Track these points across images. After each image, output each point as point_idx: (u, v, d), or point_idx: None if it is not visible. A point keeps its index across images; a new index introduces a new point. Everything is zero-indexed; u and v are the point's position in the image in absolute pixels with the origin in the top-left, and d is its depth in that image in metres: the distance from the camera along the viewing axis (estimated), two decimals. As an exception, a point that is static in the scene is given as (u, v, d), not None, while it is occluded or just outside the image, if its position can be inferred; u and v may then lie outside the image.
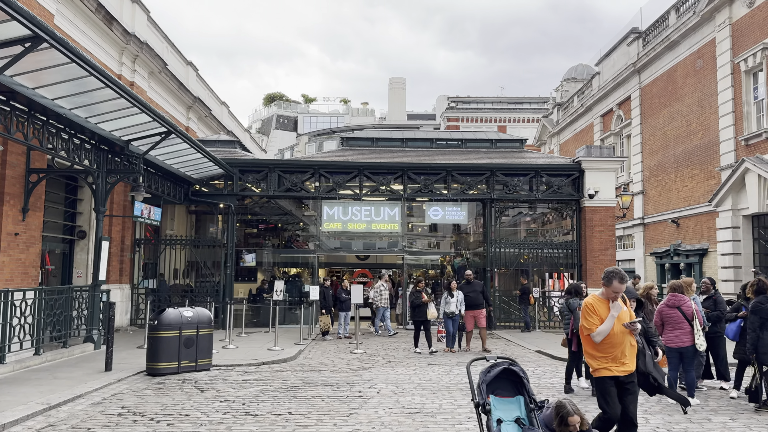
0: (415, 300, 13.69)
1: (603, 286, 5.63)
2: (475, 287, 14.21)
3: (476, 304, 13.98)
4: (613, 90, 31.86)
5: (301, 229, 26.87)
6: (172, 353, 10.49)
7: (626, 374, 5.49)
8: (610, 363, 5.48)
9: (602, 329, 5.45)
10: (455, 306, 13.67)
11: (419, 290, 13.87)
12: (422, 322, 13.61)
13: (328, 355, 13.10)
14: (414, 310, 13.73)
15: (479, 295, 14.11)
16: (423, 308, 13.55)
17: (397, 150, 21.50)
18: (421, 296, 13.59)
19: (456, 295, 13.73)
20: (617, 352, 5.48)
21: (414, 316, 13.80)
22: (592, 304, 5.62)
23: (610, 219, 19.17)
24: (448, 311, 13.57)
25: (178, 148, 15.03)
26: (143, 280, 19.45)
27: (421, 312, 13.59)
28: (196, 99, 24.73)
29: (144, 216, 15.98)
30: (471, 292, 14.02)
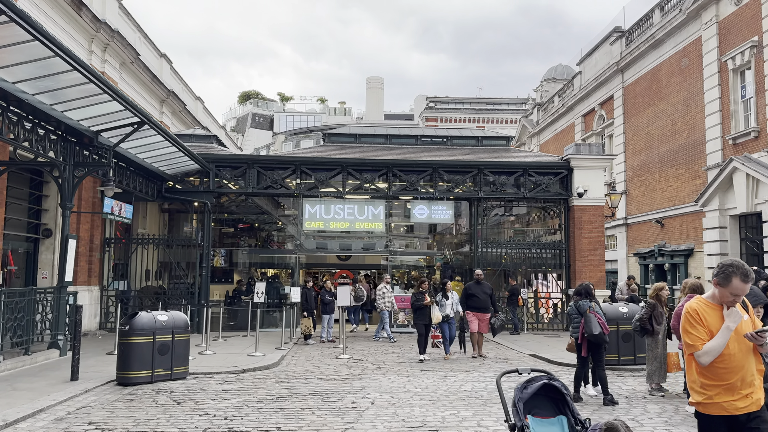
0: (417, 302, 12.65)
1: (716, 285, 3.92)
2: (484, 288, 13.22)
3: (483, 307, 12.98)
4: (595, 89, 31.65)
5: (277, 229, 26.01)
6: (145, 361, 9.63)
7: (749, 411, 3.77)
8: (724, 395, 3.78)
9: (712, 346, 3.79)
10: (450, 308, 12.84)
11: (422, 292, 12.76)
12: (426, 326, 12.61)
13: (314, 361, 12.33)
14: (416, 312, 12.72)
15: (488, 299, 13.10)
16: (426, 311, 12.55)
17: (380, 147, 20.80)
18: (424, 298, 12.54)
19: (451, 297, 12.95)
20: (736, 379, 3.79)
21: (417, 319, 12.73)
22: (697, 312, 3.92)
23: (599, 218, 18.75)
24: (442, 314, 12.67)
25: (151, 141, 14.10)
26: (113, 281, 18.41)
27: (423, 315, 12.58)
28: (169, 92, 23.72)
29: (114, 213, 15.01)
30: (480, 293, 13.03)
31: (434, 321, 12.42)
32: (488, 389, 9.26)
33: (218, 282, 23.29)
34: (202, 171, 18.21)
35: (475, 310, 12.87)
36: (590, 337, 8.00)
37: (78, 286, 16.75)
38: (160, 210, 22.60)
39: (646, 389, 9.16)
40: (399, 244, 22.53)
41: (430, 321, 12.47)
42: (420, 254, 22.49)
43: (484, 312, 12.99)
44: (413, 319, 13.11)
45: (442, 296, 12.93)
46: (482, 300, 12.95)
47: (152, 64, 22.57)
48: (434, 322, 12.47)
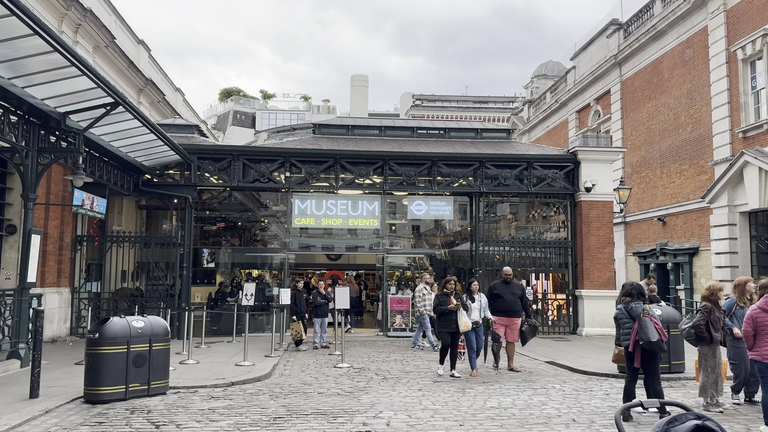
0: (440, 305, 10.49)
1: None
2: (513, 288, 11.30)
3: (512, 309, 11.04)
4: (591, 84, 30.74)
5: (262, 228, 24.66)
6: (118, 374, 8.27)
7: None
8: None
9: None
10: (478, 313, 10.80)
11: (446, 293, 10.56)
12: (452, 334, 10.45)
13: (310, 371, 11.03)
14: (440, 318, 10.55)
15: (517, 300, 11.15)
16: (452, 317, 10.32)
17: (374, 139, 19.56)
18: (449, 300, 10.39)
19: (478, 299, 10.91)
20: None
21: (441, 326, 10.56)
22: None
23: (608, 214, 17.70)
24: (470, 320, 10.52)
25: (126, 127, 12.70)
26: (86, 282, 16.91)
27: (449, 321, 10.35)
28: (148, 81, 22.23)
29: (86, 206, 13.57)
30: (508, 293, 11.14)
31: (462, 329, 10.25)
32: (517, 405, 8.06)
33: (200, 283, 21.91)
34: (183, 163, 16.81)
35: (502, 314, 11.00)
36: (646, 345, 6.84)
37: (46, 287, 15.30)
38: (137, 206, 21.11)
39: (698, 403, 8.03)
40: (393, 243, 21.35)
41: (457, 329, 10.30)
42: (419, 253, 21.26)
43: (512, 316, 11.10)
44: (437, 326, 10.92)
45: (467, 298, 10.88)
46: (510, 302, 11.08)
47: (129, 51, 21.10)
48: (462, 330, 10.28)
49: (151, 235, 17.58)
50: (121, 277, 18.78)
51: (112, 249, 17.28)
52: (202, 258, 21.97)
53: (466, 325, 10.27)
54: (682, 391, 8.98)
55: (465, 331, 10.34)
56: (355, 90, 70.05)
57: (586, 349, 13.92)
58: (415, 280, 20.05)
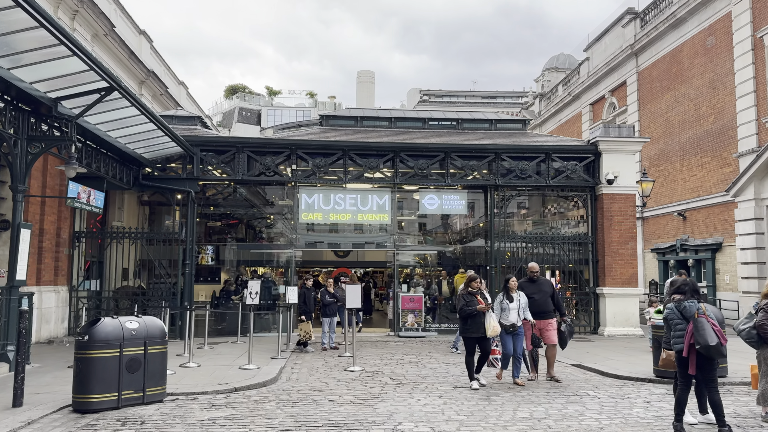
0: (466, 307, 9.08)
1: None
2: (541, 287, 10.11)
3: (543, 311, 9.82)
4: (606, 76, 29.85)
5: (267, 225, 23.91)
6: (110, 380, 7.53)
7: None
8: None
9: None
10: (517, 314, 9.37)
11: (472, 293, 9.23)
12: (478, 340, 9.14)
13: (319, 375, 10.26)
14: (465, 322, 9.17)
15: (548, 299, 9.95)
16: (479, 319, 9.00)
17: (385, 130, 18.76)
18: (476, 301, 9.08)
19: (517, 298, 9.46)
20: None
21: (466, 330, 9.20)
22: None
23: (631, 208, 16.84)
24: (506, 323, 9.26)
25: (124, 115, 11.95)
26: (84, 280, 16.21)
27: (476, 325, 9.01)
28: (149, 72, 21.51)
29: (82, 200, 12.85)
30: (537, 292, 9.97)
31: (490, 333, 8.92)
32: (551, 415, 7.26)
33: (204, 281, 21.17)
34: (185, 156, 16.09)
35: (534, 316, 9.78)
36: (703, 350, 6.02)
37: (43, 285, 14.62)
38: (139, 202, 20.42)
39: (753, 412, 7.21)
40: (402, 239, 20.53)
41: (485, 334, 9.00)
42: (430, 249, 20.45)
43: (546, 317, 9.87)
44: (460, 330, 9.57)
45: (504, 297, 9.51)
46: (542, 302, 9.91)
47: (130, 42, 20.39)
48: (490, 335, 8.95)
49: (153, 232, 16.83)
50: (123, 275, 18.08)
51: (113, 246, 16.56)
52: (206, 255, 21.26)
53: (495, 330, 8.92)
54: (730, 398, 8.15)
55: (494, 335, 9.04)
56: (362, 86, 69.25)
57: (612, 350, 13.10)
58: (427, 278, 19.28)
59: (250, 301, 11.58)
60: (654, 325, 10.09)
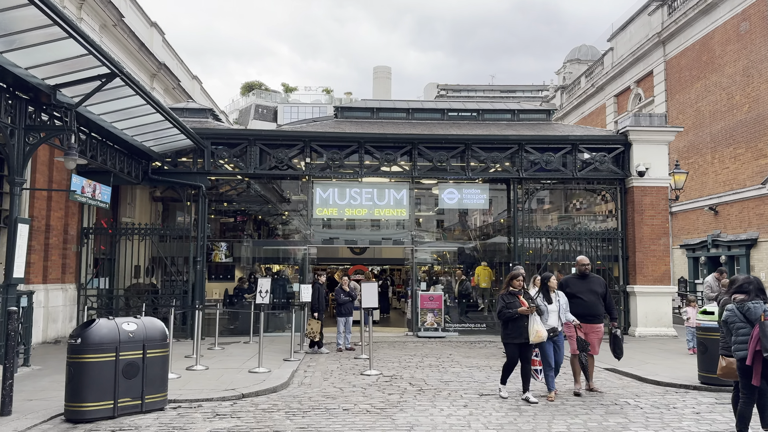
0: (506, 308, 7.92)
1: None
2: (592, 284, 8.58)
3: (592, 313, 8.42)
4: (631, 66, 28.78)
5: (283, 222, 23.33)
6: (105, 387, 6.92)
7: None
8: None
9: None
10: (557, 317, 8.13)
11: (513, 293, 8.07)
12: (520, 346, 7.96)
13: (333, 380, 9.58)
14: (506, 326, 8.01)
15: (599, 300, 8.49)
16: (522, 323, 7.85)
17: (402, 122, 18.03)
18: (518, 302, 7.94)
19: (556, 299, 8.19)
20: None
21: (506, 336, 8.04)
22: None
23: (663, 201, 15.93)
24: (547, 327, 8.01)
25: (129, 105, 11.38)
26: (93, 278, 15.70)
27: (518, 329, 7.85)
28: (161, 65, 20.99)
29: (86, 194, 12.30)
30: (586, 292, 8.47)
31: (534, 339, 7.76)
32: (591, 429, 6.50)
33: (219, 279, 20.68)
34: (195, 149, 15.52)
35: (580, 319, 8.34)
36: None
37: (50, 284, 14.15)
38: (151, 198, 19.93)
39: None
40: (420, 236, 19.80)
41: (527, 339, 7.84)
42: (449, 246, 19.69)
43: (593, 321, 8.44)
44: (502, 335, 8.20)
45: (541, 297, 8.23)
46: (591, 303, 8.41)
47: (141, 34, 19.87)
48: (534, 341, 7.77)
49: (163, 228, 16.27)
50: (134, 272, 17.59)
51: (123, 243, 16.05)
52: (220, 252, 20.74)
53: (539, 335, 7.70)
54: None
55: (538, 342, 7.79)
56: (378, 81, 68.54)
57: (647, 353, 12.25)
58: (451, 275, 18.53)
59: (260, 300, 10.94)
60: (700, 327, 9.21)
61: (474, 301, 17.85)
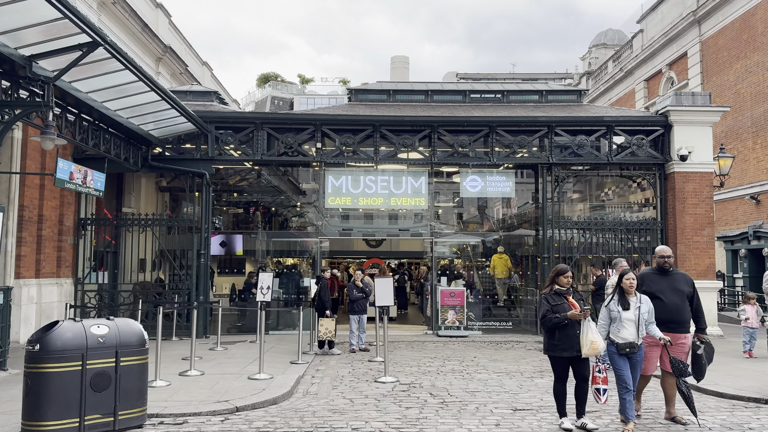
0: (552, 314, 6.24)
1: None
2: (676, 282, 6.75)
3: (675, 320, 6.56)
4: (663, 48, 27.17)
5: (298, 214, 22.26)
6: (69, 402, 5.84)
7: None
8: None
9: None
10: (635, 328, 6.18)
11: (561, 291, 6.39)
12: (571, 361, 6.29)
13: (343, 388, 8.43)
14: (552, 334, 6.30)
15: (684, 303, 6.62)
16: (571, 331, 6.16)
17: (420, 105, 16.79)
18: (566, 304, 6.27)
19: (636, 304, 6.24)
20: None
21: (552, 347, 6.32)
22: None
23: (707, 188, 14.53)
24: (619, 340, 6.20)
25: (120, 81, 10.31)
26: (90, 272, 14.74)
27: (566, 338, 6.18)
28: (167, 48, 19.96)
29: (75, 181, 11.25)
30: (669, 291, 6.63)
31: (588, 351, 6.04)
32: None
33: (229, 273, 19.77)
34: (199, 134, 14.45)
35: (664, 326, 6.45)
36: None
37: (43, 278, 13.21)
38: (157, 188, 18.92)
39: None
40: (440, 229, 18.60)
41: (579, 351, 6.13)
42: (472, 238, 18.44)
43: (678, 330, 6.58)
44: (546, 346, 6.47)
45: (616, 299, 6.34)
46: (673, 306, 6.55)
47: (145, 15, 18.85)
48: (587, 353, 6.08)
49: (162, 218, 15.22)
50: (140, 266, 16.63)
51: (126, 235, 15.07)
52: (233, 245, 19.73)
53: (594, 346, 6.00)
54: None
55: (592, 355, 6.12)
56: (396, 72, 67.13)
57: (696, 356, 10.92)
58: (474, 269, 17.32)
59: (261, 297, 9.82)
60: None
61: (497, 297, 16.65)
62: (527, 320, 15.59)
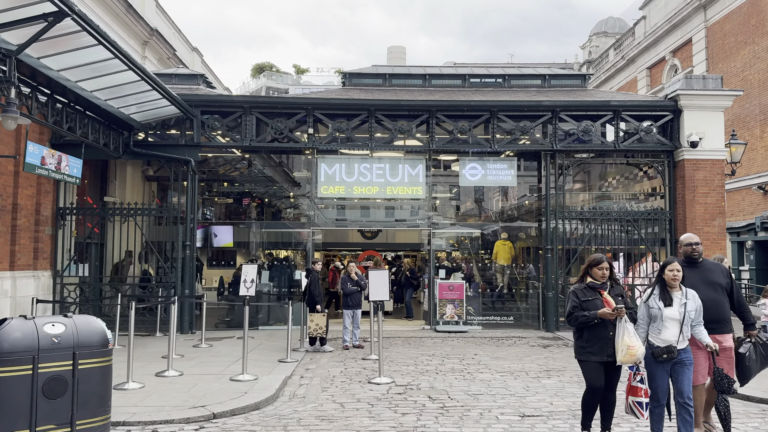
0: (580, 312, 5.33)
1: None
2: (708, 274, 5.80)
3: (716, 318, 5.59)
4: (667, 34, 26.42)
5: (294, 206, 21.53)
6: (18, 412, 5.11)
7: None
8: None
9: None
10: (679, 329, 5.22)
11: (594, 285, 5.41)
12: (605, 366, 5.31)
13: (334, 390, 7.73)
14: (580, 334, 5.42)
15: (723, 297, 5.72)
16: (605, 332, 5.24)
17: (418, 89, 16.05)
18: (600, 300, 5.32)
19: (681, 301, 5.26)
20: None
21: (582, 350, 5.40)
22: None
23: (718, 177, 13.84)
24: (658, 342, 5.25)
25: (95, 58, 9.54)
26: (69, 264, 13.98)
27: (598, 341, 5.28)
28: (153, 31, 19.13)
29: (48, 166, 10.50)
30: (701, 285, 5.61)
31: (625, 358, 5.13)
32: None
33: (219, 266, 19.02)
34: (184, 119, 13.68)
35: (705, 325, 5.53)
36: None
37: (18, 270, 12.46)
38: (144, 177, 18.13)
39: None
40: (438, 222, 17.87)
41: (613, 356, 5.21)
42: (471, 229, 17.73)
43: (716, 330, 5.61)
44: (575, 349, 5.51)
45: (657, 293, 5.33)
46: (711, 302, 5.57)
47: (130, -3, 18.01)
48: (624, 360, 5.15)
49: (146, 207, 14.40)
50: (127, 258, 15.88)
51: (111, 226, 14.31)
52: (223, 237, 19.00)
53: (632, 351, 5.03)
54: None
55: (629, 362, 5.11)
56: (392, 62, 66.26)
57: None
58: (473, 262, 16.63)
59: (245, 291, 9.09)
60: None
61: (500, 291, 15.99)
62: (529, 314, 14.93)
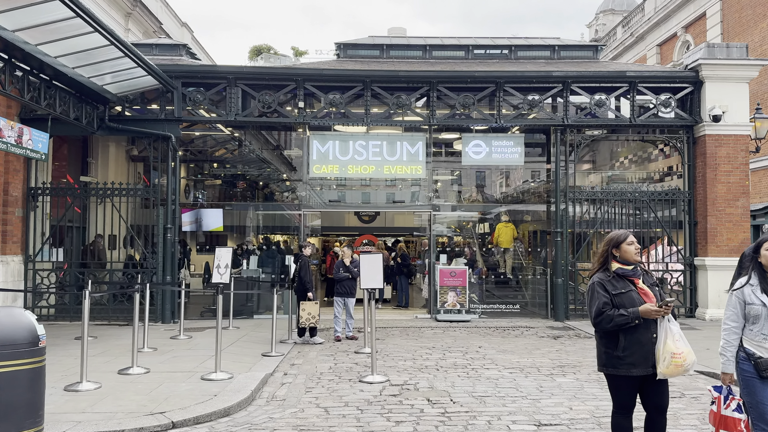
0: (614, 308, 3.93)
1: None
2: None
3: None
4: (678, 9, 25.19)
5: (288, 189, 20.51)
6: None
7: None
8: None
9: None
10: None
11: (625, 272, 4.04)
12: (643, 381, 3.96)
13: (319, 390, 6.75)
14: (609, 339, 4.02)
15: None
16: (642, 335, 3.87)
17: (418, 61, 14.95)
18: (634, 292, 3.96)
19: None
20: None
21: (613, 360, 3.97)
22: None
23: (742, 154, 12.81)
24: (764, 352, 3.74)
25: (54, 17, 8.48)
26: (42, 249, 12.98)
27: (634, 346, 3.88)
28: (137, 2, 17.98)
29: (6, 140, 9.45)
30: None
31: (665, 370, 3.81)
32: None
33: (209, 251, 18.08)
34: (163, 91, 12.61)
35: None
36: None
37: (-17, 255, 11.48)
38: (128, 157, 17.07)
39: None
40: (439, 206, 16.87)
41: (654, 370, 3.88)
42: (474, 211, 16.71)
43: None
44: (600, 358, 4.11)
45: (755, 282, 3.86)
46: None
47: (111, -35, 16.87)
48: (665, 372, 3.81)
49: (123, 188, 13.31)
50: (108, 243, 14.89)
51: (90, 208, 13.33)
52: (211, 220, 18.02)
53: (678, 361, 3.79)
54: None
55: (676, 374, 3.88)
56: (393, 44, 64.92)
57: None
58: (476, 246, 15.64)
59: (218, 277, 8.08)
60: None
61: (504, 277, 15.02)
62: (535, 302, 13.97)
